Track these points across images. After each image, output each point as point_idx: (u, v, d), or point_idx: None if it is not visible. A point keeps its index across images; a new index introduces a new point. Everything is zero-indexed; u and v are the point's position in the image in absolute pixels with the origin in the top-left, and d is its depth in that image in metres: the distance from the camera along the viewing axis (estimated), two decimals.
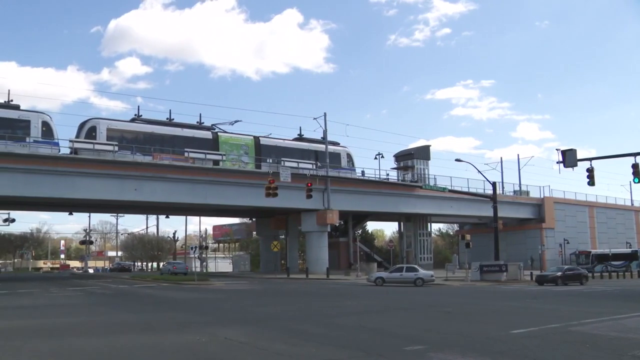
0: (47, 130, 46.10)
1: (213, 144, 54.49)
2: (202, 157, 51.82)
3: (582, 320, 17.23)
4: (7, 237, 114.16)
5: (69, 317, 19.37)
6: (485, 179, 54.48)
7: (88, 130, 48.54)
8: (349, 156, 63.57)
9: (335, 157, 61.61)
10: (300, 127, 63.67)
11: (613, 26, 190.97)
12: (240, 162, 55.34)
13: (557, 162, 34.38)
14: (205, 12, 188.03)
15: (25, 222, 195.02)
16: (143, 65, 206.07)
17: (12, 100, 47.06)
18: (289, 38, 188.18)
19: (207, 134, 55.30)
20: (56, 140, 46.67)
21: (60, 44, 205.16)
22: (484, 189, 61.79)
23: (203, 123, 56.61)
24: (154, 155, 49.50)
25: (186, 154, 51.00)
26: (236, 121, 59.44)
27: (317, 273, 54.67)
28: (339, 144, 63.13)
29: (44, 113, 47.67)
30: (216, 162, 52.88)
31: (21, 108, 46.83)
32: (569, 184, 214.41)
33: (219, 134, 56.03)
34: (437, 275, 51.42)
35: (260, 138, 57.94)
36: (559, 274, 43.58)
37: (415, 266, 45.22)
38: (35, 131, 45.43)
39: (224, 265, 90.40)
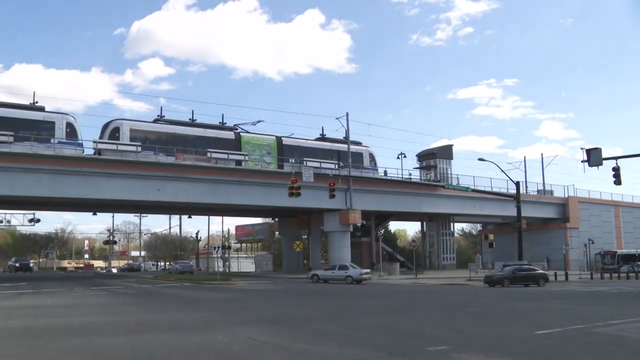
0: (71, 131, 46.46)
1: (235, 144, 54.46)
2: (225, 157, 51.96)
3: (608, 321, 17.02)
4: (32, 237, 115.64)
5: (92, 316, 19.50)
6: (508, 179, 54.18)
7: (111, 131, 48.83)
8: (372, 156, 63.33)
9: (358, 156, 61.40)
10: (322, 127, 63.56)
11: (638, 23, 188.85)
12: (263, 162, 55.35)
13: (582, 161, 34.04)
14: (227, 13, 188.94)
15: (50, 222, 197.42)
16: (166, 67, 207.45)
17: (37, 102, 47.52)
18: (311, 38, 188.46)
19: (230, 134, 55.31)
20: (80, 141, 46.96)
21: (85, 46, 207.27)
22: (507, 189, 61.37)
23: (225, 123, 56.63)
24: (177, 156, 49.69)
25: (208, 154, 51.16)
26: (258, 121, 59.43)
27: None
28: (361, 143, 62.94)
29: (68, 114, 48.03)
30: (239, 163, 52.95)
31: (46, 110, 47.30)
32: (594, 184, 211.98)
33: (241, 134, 56.00)
34: (460, 275, 51.42)
35: (282, 138, 57.98)
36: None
37: (347, 264, 49.09)
38: (60, 132, 45.78)
39: (246, 265, 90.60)
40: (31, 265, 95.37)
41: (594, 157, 33.00)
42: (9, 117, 44.26)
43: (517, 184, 51.98)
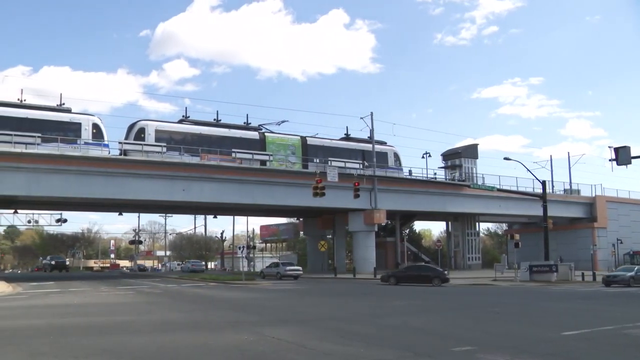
0: (98, 132, 47.09)
1: (260, 144, 54.72)
2: (249, 157, 52.10)
3: (637, 322, 16.76)
4: (59, 237, 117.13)
5: (119, 315, 19.62)
6: (534, 178, 53.71)
7: (137, 132, 49.31)
8: (396, 155, 63.17)
9: (383, 156, 61.30)
10: (347, 127, 63.67)
11: None
12: (288, 162, 55.49)
13: (610, 160, 33.55)
14: (251, 15, 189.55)
15: (76, 222, 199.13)
16: (190, 68, 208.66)
17: (63, 104, 48.16)
18: (335, 39, 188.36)
19: (254, 135, 55.53)
20: (106, 142, 47.57)
21: (111, 48, 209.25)
22: (533, 188, 60.82)
23: (250, 124, 56.82)
24: (202, 156, 49.94)
25: (233, 155, 51.33)
26: (283, 121, 59.77)
27: (365, 273, 54.44)
28: (385, 143, 62.82)
29: (94, 115, 48.62)
30: (263, 163, 53.13)
31: (72, 111, 47.79)
32: (623, 182, 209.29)
33: (266, 134, 56.27)
34: (486, 275, 51.03)
35: (307, 138, 58.03)
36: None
37: (280, 262, 55.03)
38: (86, 133, 46.38)
39: None
40: (67, 263, 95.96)
41: (622, 155, 32.53)
42: (37, 119, 44.99)
43: (544, 183, 51.50)
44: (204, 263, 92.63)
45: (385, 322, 17.07)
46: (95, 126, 47.16)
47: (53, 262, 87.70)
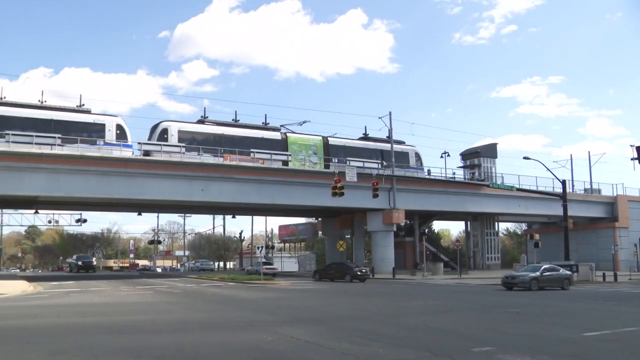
0: (121, 132, 47.61)
1: (282, 144, 54.99)
2: (269, 157, 52.23)
3: None
4: (79, 237, 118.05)
5: (138, 315, 19.71)
6: (554, 177, 53.36)
7: (160, 133, 49.66)
8: (417, 155, 63.11)
9: (404, 156, 61.32)
10: (365, 127, 63.69)
11: None
12: (310, 162, 55.58)
13: (632, 159, 33.42)
14: (269, 15, 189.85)
15: (96, 222, 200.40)
16: (209, 69, 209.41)
17: (83, 105, 48.58)
18: (353, 39, 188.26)
19: (277, 135, 55.74)
20: (130, 143, 48.03)
21: (130, 49, 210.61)
22: (553, 188, 60.34)
23: (269, 124, 56.99)
24: (225, 157, 50.11)
25: (252, 155, 51.45)
26: (304, 121, 59.89)
27: (383, 273, 54.36)
28: (404, 142, 62.73)
29: (117, 116, 49.07)
30: (285, 163, 53.27)
31: (92, 112, 48.17)
32: None
33: (288, 134, 56.52)
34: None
35: (328, 138, 58.12)
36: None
37: (260, 262, 55.66)
38: (110, 134, 46.86)
39: (289, 264, 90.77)
40: (94, 263, 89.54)
41: None
42: (62, 120, 45.60)
43: (564, 182, 51.14)
44: (212, 263, 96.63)
45: (405, 322, 17.01)
46: (119, 127, 47.64)
47: (80, 263, 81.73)
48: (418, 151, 63.72)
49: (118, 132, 47.25)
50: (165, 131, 49.79)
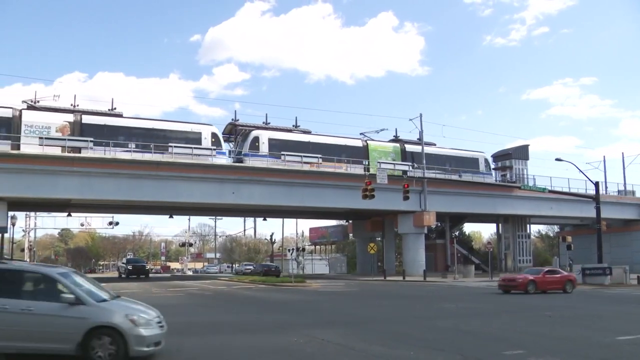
0: (216, 140, 50.35)
1: (364, 151, 57.16)
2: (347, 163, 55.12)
3: None
4: (111, 240, 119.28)
5: (168, 316, 19.91)
6: (587, 179, 52.79)
7: (252, 141, 52.05)
8: (487, 161, 65.39)
9: (474, 162, 63.90)
10: (395, 129, 63.83)
11: None
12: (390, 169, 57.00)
13: None
14: (301, 19, 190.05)
15: (127, 224, 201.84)
16: (240, 72, 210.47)
17: (115, 108, 49.46)
18: (384, 42, 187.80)
19: (358, 143, 58.04)
20: (224, 150, 51.11)
21: (162, 53, 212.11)
22: (586, 189, 59.72)
23: (299, 126, 57.62)
24: (311, 165, 53.02)
25: (334, 161, 54.14)
26: (382, 129, 61.66)
27: (414, 275, 54.18)
28: (435, 144, 62.76)
29: (212, 125, 52.10)
30: (367, 170, 54.46)
31: (124, 115, 49.26)
32: None
33: (368, 142, 58.54)
34: None
35: (405, 145, 60.60)
36: None
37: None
38: (206, 142, 49.45)
39: (320, 267, 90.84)
40: (147, 267, 78.17)
41: None
42: (166, 129, 49.48)
43: (596, 184, 50.50)
44: (227, 265, 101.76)
45: (436, 325, 16.99)
46: (214, 135, 50.43)
47: (130, 267, 67.82)
48: (487, 157, 65.47)
49: (213, 140, 49.94)
50: (256, 139, 52.28)
